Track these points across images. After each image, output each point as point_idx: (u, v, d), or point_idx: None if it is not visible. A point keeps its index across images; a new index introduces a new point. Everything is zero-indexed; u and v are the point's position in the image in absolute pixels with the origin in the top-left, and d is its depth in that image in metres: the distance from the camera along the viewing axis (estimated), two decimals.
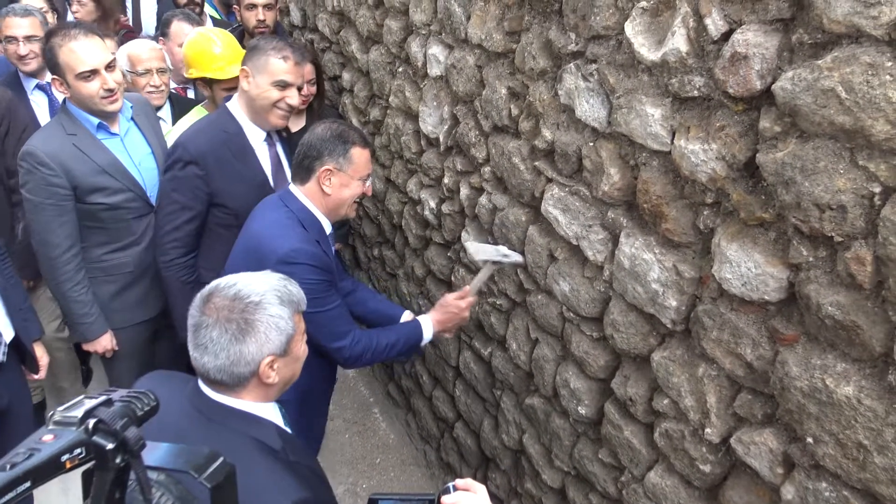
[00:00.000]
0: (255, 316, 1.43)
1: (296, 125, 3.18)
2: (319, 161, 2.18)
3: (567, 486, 2.35)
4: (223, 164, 2.59)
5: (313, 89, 3.22)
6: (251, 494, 1.38)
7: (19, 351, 2.44)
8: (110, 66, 2.51)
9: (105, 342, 2.74)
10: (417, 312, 2.68)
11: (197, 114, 3.07)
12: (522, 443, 2.58)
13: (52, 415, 0.93)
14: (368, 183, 2.28)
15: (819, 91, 1.23)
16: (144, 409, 0.97)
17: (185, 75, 3.19)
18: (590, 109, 1.89)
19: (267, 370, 1.46)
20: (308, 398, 2.26)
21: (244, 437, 1.46)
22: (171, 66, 3.49)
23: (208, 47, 3.00)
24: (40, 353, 2.56)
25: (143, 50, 3.25)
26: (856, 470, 1.31)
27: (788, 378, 1.41)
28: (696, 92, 1.54)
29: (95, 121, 2.58)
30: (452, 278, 2.88)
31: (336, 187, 2.20)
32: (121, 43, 3.65)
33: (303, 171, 2.22)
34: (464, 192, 2.67)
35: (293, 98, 2.59)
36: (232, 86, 2.87)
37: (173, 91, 3.46)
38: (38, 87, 3.40)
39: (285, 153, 2.84)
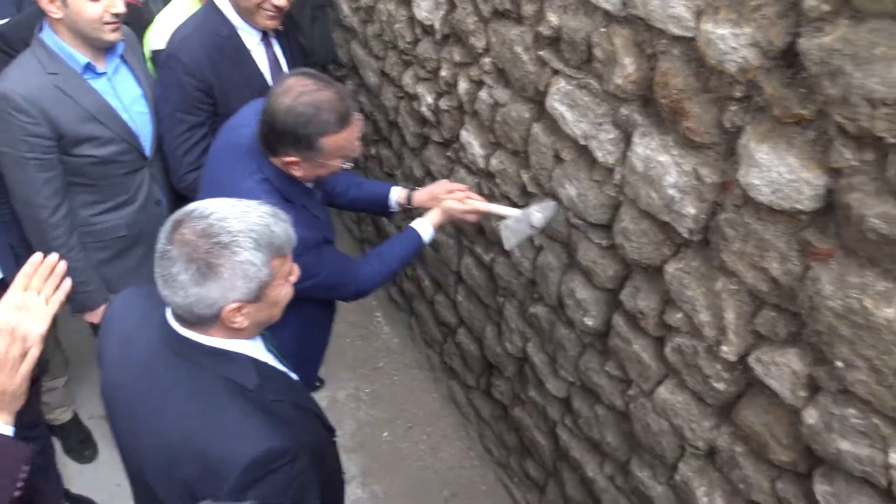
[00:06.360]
0: (220, 261, 1.25)
1: None
2: (282, 147, 1.78)
3: (572, 396, 2.28)
4: (221, 71, 2.36)
5: None
6: (217, 442, 1.27)
7: None
8: None
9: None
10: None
11: (188, 1, 2.77)
12: (526, 351, 2.49)
13: None
14: (355, 149, 1.87)
15: None
16: None
17: None
18: None
19: (231, 315, 1.29)
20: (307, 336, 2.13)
21: (215, 376, 1.33)
22: None
23: None
24: None
25: None
26: (891, 398, 1.18)
27: (820, 297, 1.26)
28: None
29: (83, 59, 2.19)
30: (451, 179, 2.70)
31: (307, 169, 1.83)
32: None
33: (266, 145, 1.81)
34: (462, 85, 2.44)
35: None
36: None
37: None
38: None
39: (284, 54, 2.59)
